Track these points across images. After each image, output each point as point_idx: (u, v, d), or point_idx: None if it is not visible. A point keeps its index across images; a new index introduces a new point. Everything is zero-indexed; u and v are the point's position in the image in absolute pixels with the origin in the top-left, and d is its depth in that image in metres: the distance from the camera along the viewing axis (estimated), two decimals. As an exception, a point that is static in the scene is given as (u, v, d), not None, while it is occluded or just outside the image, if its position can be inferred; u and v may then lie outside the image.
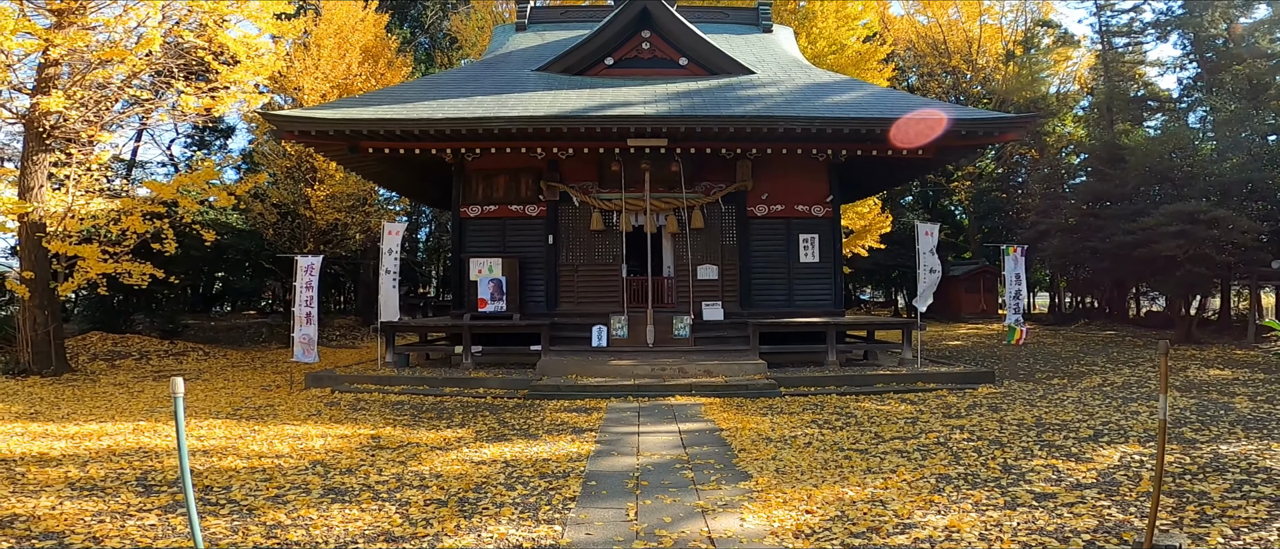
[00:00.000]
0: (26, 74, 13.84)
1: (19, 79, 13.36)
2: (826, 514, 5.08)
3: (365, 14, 23.33)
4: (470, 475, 6.29)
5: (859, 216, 25.51)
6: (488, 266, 13.81)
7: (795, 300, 14.41)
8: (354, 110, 12.88)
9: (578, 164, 14.21)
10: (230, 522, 4.96)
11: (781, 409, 9.84)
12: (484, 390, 11.51)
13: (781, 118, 12.14)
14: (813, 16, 26.51)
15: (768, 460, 6.76)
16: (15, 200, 13.12)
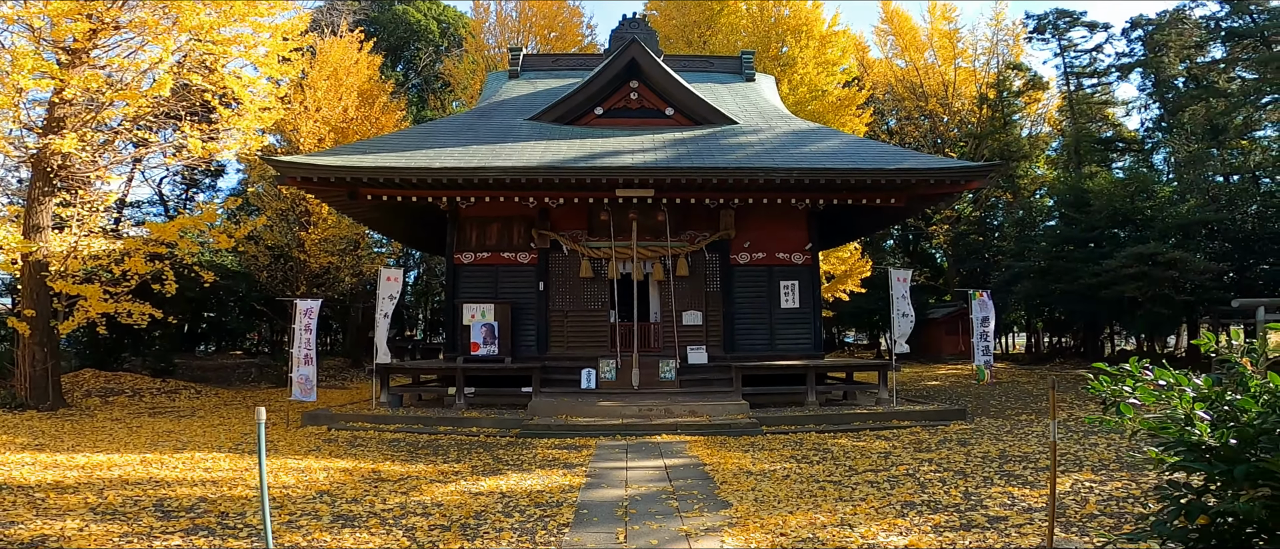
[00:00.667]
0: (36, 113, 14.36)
1: (29, 118, 13.86)
2: (799, 536, 5.56)
3: (360, 56, 24.15)
4: (469, 505, 6.72)
5: (840, 261, 26.26)
6: (480, 312, 14.31)
7: (777, 344, 14.96)
8: (354, 158, 13.48)
9: (568, 213, 14.83)
10: (249, 543, 5.37)
11: (763, 446, 10.31)
12: (477, 429, 11.90)
13: (761, 169, 12.87)
14: (794, 63, 27.63)
15: (747, 491, 7.24)
16: (21, 240, 13.51)
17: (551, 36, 32.23)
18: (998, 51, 38.07)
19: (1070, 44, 36.69)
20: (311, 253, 21.50)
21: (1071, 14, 36.37)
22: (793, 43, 28.36)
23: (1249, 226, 20.76)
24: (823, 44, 28.31)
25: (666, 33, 31.87)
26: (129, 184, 23.19)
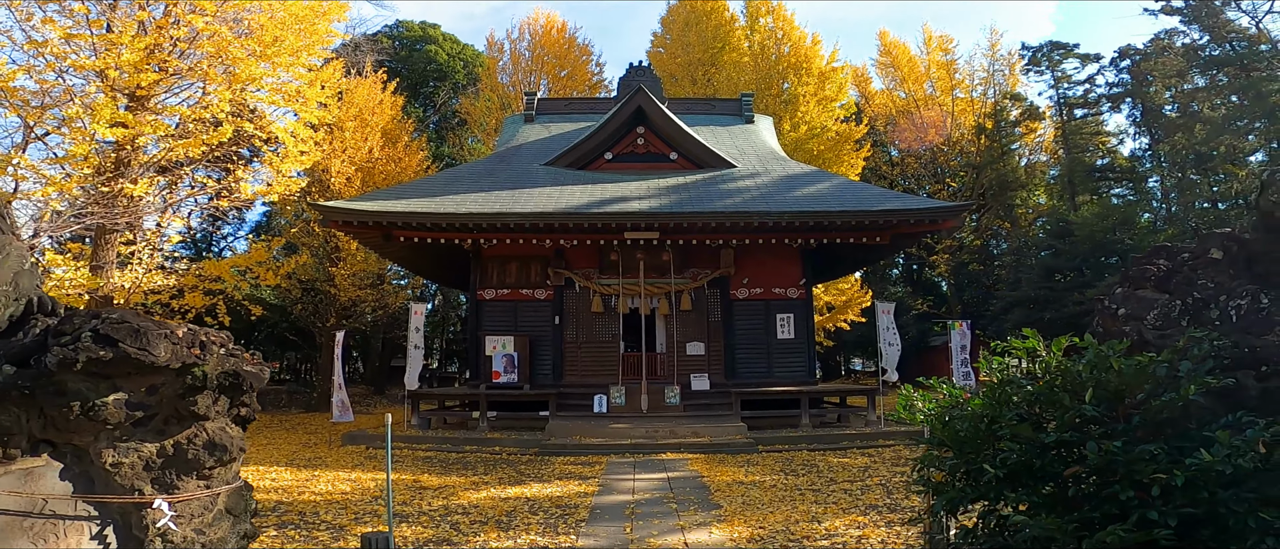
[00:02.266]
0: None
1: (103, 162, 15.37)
2: (774, 529, 6.83)
3: (384, 96, 25.77)
4: (500, 506, 8.01)
5: (840, 293, 27.45)
6: (501, 343, 15.66)
7: (774, 371, 16.18)
8: (388, 203, 14.96)
9: (581, 253, 16.21)
10: (330, 534, 6.69)
11: (756, 462, 11.54)
12: (500, 448, 13.18)
13: (755, 213, 14.23)
14: (795, 101, 29.07)
15: (737, 497, 8.49)
16: (89, 276, 14.99)
17: (562, 74, 33.83)
18: (995, 81, 39.18)
19: (1064, 75, 37.97)
20: (341, 287, 22.96)
21: (1064, 45, 37.71)
22: (794, 80, 29.82)
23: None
24: (822, 80, 29.72)
25: (672, 70, 33.52)
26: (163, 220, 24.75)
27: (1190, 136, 26.35)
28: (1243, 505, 2.11)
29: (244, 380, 2.46)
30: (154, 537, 2.37)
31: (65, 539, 2.27)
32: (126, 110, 14.82)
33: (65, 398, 2.15)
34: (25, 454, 2.20)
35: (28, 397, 2.10)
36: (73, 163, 13.98)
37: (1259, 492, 2.16)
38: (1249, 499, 2.13)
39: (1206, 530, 2.15)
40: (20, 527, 2.18)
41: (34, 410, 2.16)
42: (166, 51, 14.92)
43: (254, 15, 15.93)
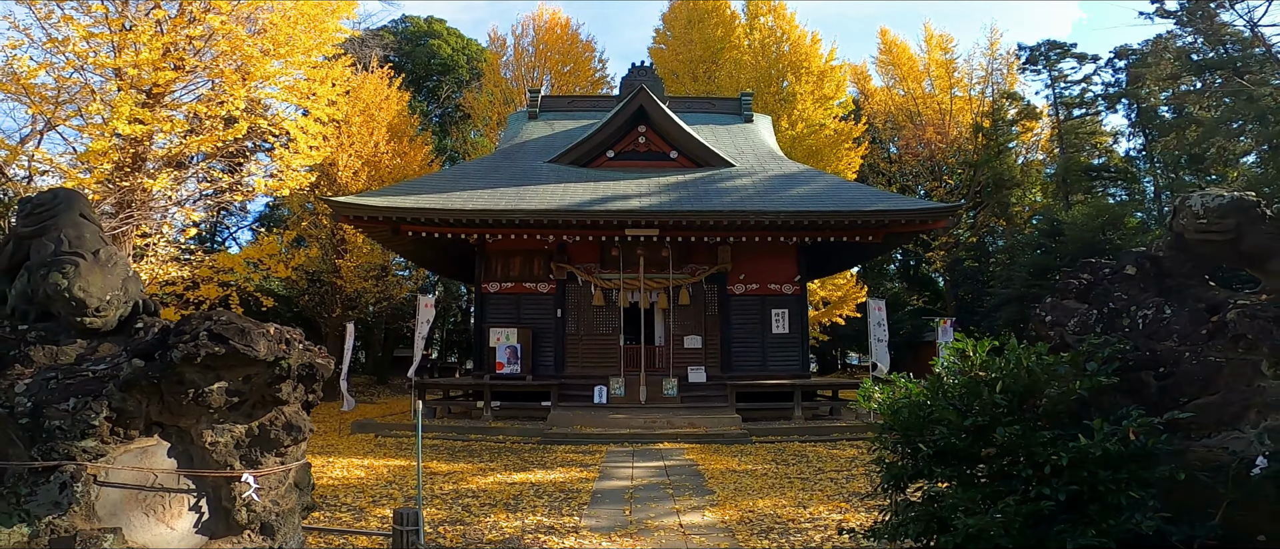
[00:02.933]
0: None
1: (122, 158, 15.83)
2: (761, 512, 7.36)
3: (390, 91, 26.20)
4: (507, 490, 8.54)
5: (836, 288, 27.95)
6: (505, 335, 16.18)
7: (768, 365, 16.70)
8: (397, 199, 15.44)
9: (583, 248, 16.70)
10: (352, 515, 7.21)
11: (750, 452, 12.07)
12: (504, 437, 13.71)
13: (752, 212, 14.72)
14: (794, 99, 29.49)
15: (730, 484, 9.02)
16: (107, 271, 15.52)
17: (565, 70, 34.20)
18: (993, 80, 39.51)
19: (1060, 75, 38.35)
20: (347, 278, 23.46)
21: (1061, 45, 38.09)
22: (793, 79, 30.23)
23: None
24: (821, 79, 30.11)
25: (673, 67, 33.91)
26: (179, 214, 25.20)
27: (1181, 138, 26.79)
28: (1117, 484, 2.61)
29: (316, 371, 2.94)
30: (240, 507, 2.86)
31: (170, 509, 2.76)
32: (143, 107, 15.29)
33: (182, 387, 2.62)
34: (141, 435, 2.68)
35: (153, 386, 2.58)
36: (93, 158, 14.44)
37: (1131, 473, 2.65)
38: (1122, 479, 2.63)
39: (1094, 506, 2.64)
40: (136, 498, 2.67)
41: (154, 397, 2.64)
42: (182, 49, 15.39)
43: (267, 14, 16.40)
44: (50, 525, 2.40)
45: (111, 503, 2.55)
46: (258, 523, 2.95)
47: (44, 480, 2.40)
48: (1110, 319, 3.38)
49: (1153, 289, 3.43)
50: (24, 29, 15.10)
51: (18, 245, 3.06)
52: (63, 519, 2.41)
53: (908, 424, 3.00)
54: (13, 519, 2.37)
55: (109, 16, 14.99)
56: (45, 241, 2.95)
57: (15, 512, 2.38)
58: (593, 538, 6.42)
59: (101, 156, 14.59)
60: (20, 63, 14.47)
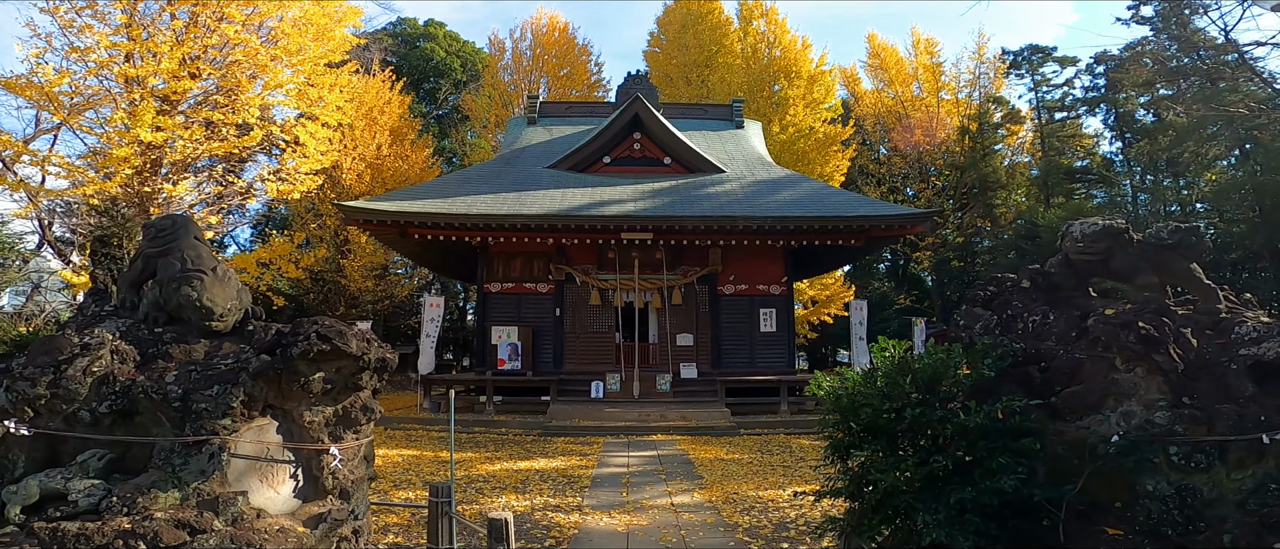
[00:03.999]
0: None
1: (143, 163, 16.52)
2: (745, 494, 8.21)
3: (391, 95, 26.93)
4: (515, 476, 9.38)
5: (824, 288, 28.81)
6: (506, 333, 16.99)
7: (756, 361, 17.56)
8: (404, 204, 16.22)
9: (581, 250, 17.52)
10: (377, 499, 8.02)
11: (737, 443, 12.93)
12: (506, 429, 14.54)
13: (740, 218, 15.57)
14: (785, 103, 30.35)
15: (718, 471, 9.87)
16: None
17: (562, 73, 34.97)
18: (979, 84, 40.36)
19: (1043, 79, 39.29)
20: (351, 277, 24.23)
21: (1044, 49, 39.04)
22: (784, 83, 31.08)
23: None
24: (811, 83, 30.97)
25: (668, 71, 34.69)
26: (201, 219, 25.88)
27: (1154, 143, 27.73)
28: (990, 453, 3.43)
29: (387, 364, 3.72)
30: (327, 474, 3.65)
31: (277, 477, 3.55)
32: (161, 114, 16.01)
33: (294, 376, 3.39)
34: (258, 416, 3.47)
35: (274, 375, 3.36)
36: (115, 163, 15.16)
37: (1003, 444, 3.47)
38: (995, 448, 3.45)
39: (976, 470, 3.46)
40: (254, 468, 3.46)
41: (272, 384, 3.41)
42: (199, 59, 16.14)
43: (277, 22, 17.15)
44: (196, 490, 3.18)
45: (238, 471, 3.33)
46: (339, 489, 3.75)
47: (195, 453, 3.17)
48: (1007, 323, 4.20)
49: (1043, 299, 4.26)
50: (45, 36, 15.81)
51: (145, 263, 3.84)
52: (206, 485, 3.19)
53: (846, 407, 3.80)
54: (168, 485, 3.16)
55: (130, 26, 15.72)
56: (171, 260, 3.73)
57: (170, 480, 3.16)
58: (595, 515, 7.26)
59: (123, 163, 15.32)
60: (45, 71, 15.19)
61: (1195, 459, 3.51)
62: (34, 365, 3.27)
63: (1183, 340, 3.66)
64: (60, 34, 15.73)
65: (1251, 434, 3.52)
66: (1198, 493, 3.56)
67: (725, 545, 6.18)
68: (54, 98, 15.76)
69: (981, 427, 3.41)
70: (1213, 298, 4.06)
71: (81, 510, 3.08)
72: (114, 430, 3.32)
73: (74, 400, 3.24)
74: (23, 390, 3.18)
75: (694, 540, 6.31)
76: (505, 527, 4.23)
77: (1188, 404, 3.55)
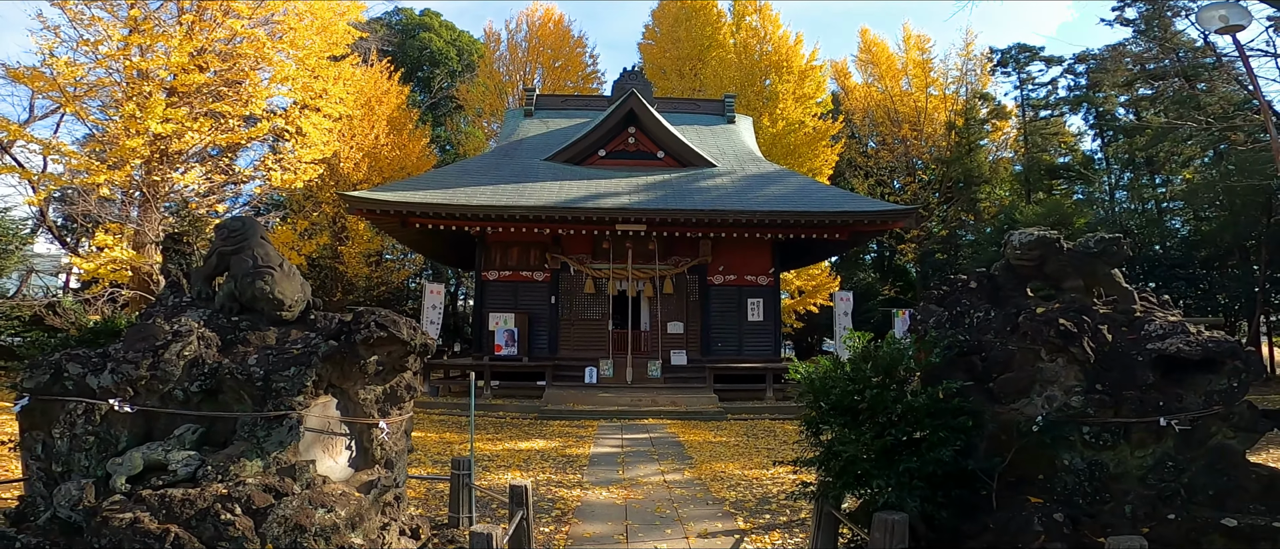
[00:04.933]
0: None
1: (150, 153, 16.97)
2: (730, 473, 8.92)
3: (389, 85, 27.34)
4: (517, 455, 10.05)
5: (811, 278, 29.57)
6: (503, 320, 17.63)
7: (744, 349, 18.29)
8: (407, 194, 16.78)
9: (576, 240, 18.14)
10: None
11: (725, 427, 13.66)
12: (504, 413, 15.20)
13: (730, 211, 16.24)
14: (775, 98, 30.94)
15: (706, 452, 10.59)
16: (133, 253, 16.72)
17: (557, 65, 35.41)
18: (967, 80, 41.07)
19: (1029, 77, 40.06)
20: (349, 264, 24.74)
21: (1031, 48, 39.77)
22: (775, 78, 31.66)
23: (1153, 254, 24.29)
24: (801, 78, 31.55)
25: (662, 64, 35.20)
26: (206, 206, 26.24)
27: (1132, 142, 28.56)
28: (933, 428, 4.11)
29: (428, 348, 4.35)
30: (376, 446, 4.27)
31: (335, 447, 4.17)
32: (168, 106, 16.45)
33: (355, 358, 3.99)
34: (323, 394, 4.09)
35: (339, 358, 3.98)
36: (125, 154, 15.63)
37: (943, 421, 4.15)
38: (935, 424, 4.13)
39: (922, 443, 4.15)
40: (319, 439, 4.08)
41: (336, 366, 4.02)
42: (208, 53, 16.59)
43: (283, 17, 17.61)
44: (276, 459, 3.80)
45: (307, 443, 3.95)
46: (385, 459, 4.40)
47: (276, 426, 3.79)
48: (957, 318, 4.87)
49: (987, 298, 4.93)
50: (53, 28, 16.20)
51: (220, 259, 4.44)
52: (284, 454, 3.81)
53: (818, 389, 4.46)
54: (253, 455, 3.78)
55: (139, 20, 16.14)
56: (244, 257, 4.33)
57: (255, 450, 3.78)
58: (595, 490, 7.95)
59: (133, 153, 15.77)
60: (58, 63, 15.61)
61: (1104, 438, 4.22)
62: (134, 350, 3.87)
63: (1097, 335, 4.36)
64: (68, 26, 16.12)
65: (1151, 417, 4.24)
66: (1105, 468, 4.27)
67: (713, 515, 6.87)
68: (64, 89, 16.17)
69: (926, 406, 4.10)
70: (1129, 299, 4.77)
71: (180, 479, 3.70)
72: (201, 407, 3.94)
73: (169, 381, 3.85)
74: (127, 372, 3.79)
75: (685, 512, 7.00)
76: (525, 492, 4.89)
77: (1099, 390, 4.26)
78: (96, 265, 16.30)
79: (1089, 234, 4.98)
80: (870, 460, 4.15)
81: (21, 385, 3.87)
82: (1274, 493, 4.34)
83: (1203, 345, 4.32)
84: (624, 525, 6.46)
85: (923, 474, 4.06)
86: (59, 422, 3.81)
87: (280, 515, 3.61)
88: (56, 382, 3.86)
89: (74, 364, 3.86)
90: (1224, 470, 4.28)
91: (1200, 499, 4.23)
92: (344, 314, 4.29)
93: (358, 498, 4.04)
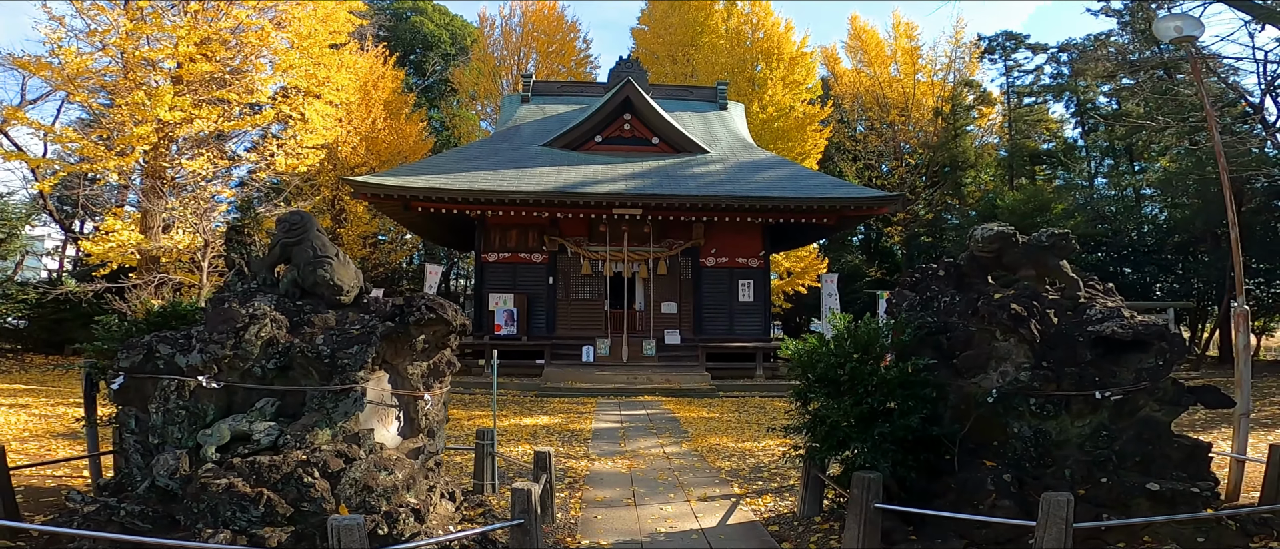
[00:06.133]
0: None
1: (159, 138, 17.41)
2: (723, 445, 9.65)
3: (384, 70, 27.67)
4: (522, 430, 10.74)
5: (799, 260, 30.32)
6: (503, 300, 18.25)
7: (735, 329, 19.03)
8: (409, 179, 17.30)
9: (573, 223, 18.75)
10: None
11: (717, 404, 14.40)
12: (504, 391, 15.84)
13: (722, 196, 16.89)
14: (765, 84, 31.49)
15: (701, 427, 11.31)
16: (141, 237, 17.19)
17: (551, 49, 35.72)
18: (955, 67, 41.71)
19: (1015, 65, 40.73)
20: (348, 246, 25.22)
21: (1018, 36, 40.40)
22: (765, 65, 32.18)
23: (1130, 239, 25.18)
24: (792, 65, 32.09)
25: (655, 50, 35.59)
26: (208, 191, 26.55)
27: (1112, 131, 29.36)
28: (902, 399, 4.80)
29: (466, 328, 4.97)
30: (422, 416, 4.91)
31: (387, 418, 4.79)
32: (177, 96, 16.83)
33: (407, 338, 4.61)
34: (378, 369, 4.72)
35: (394, 338, 4.60)
36: (135, 141, 16.04)
37: (911, 391, 4.85)
38: (905, 395, 4.83)
39: (894, 411, 4.85)
40: (375, 411, 4.70)
41: (390, 345, 4.64)
42: (214, 42, 16.97)
43: (286, 6, 17.99)
44: (342, 428, 4.42)
45: (367, 413, 4.57)
46: (428, 428, 5.04)
47: (342, 398, 4.41)
48: (927, 303, 5.56)
49: (953, 285, 5.62)
50: (59, 18, 16.51)
51: (282, 250, 5.04)
52: (349, 423, 4.43)
53: (805, 363, 5.13)
54: (323, 425, 4.39)
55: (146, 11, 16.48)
56: (304, 248, 4.92)
57: (324, 420, 4.39)
58: (600, 460, 8.65)
59: (141, 140, 16.18)
60: (66, 53, 15.94)
61: (1047, 409, 4.93)
62: (217, 332, 4.47)
63: (1044, 318, 5.06)
64: (73, 16, 16.42)
65: (1088, 391, 4.95)
66: (1048, 436, 4.98)
67: (711, 481, 7.59)
68: (72, 79, 16.51)
69: (897, 379, 4.79)
70: (1075, 287, 5.47)
71: (263, 447, 4.31)
72: (274, 382, 4.55)
73: (249, 359, 4.46)
74: (213, 352, 4.39)
75: (685, 479, 7.71)
76: (548, 458, 5.56)
77: (1044, 367, 4.96)
78: (105, 249, 16.75)
79: (1040, 231, 5.67)
80: (850, 427, 4.85)
81: (118, 365, 4.47)
82: (1194, 461, 5.04)
83: (1134, 328, 5.02)
84: (631, 490, 7.16)
85: (894, 438, 4.76)
86: (154, 397, 4.41)
87: (351, 478, 4.26)
88: (149, 361, 4.46)
89: (164, 345, 4.46)
90: (1150, 440, 4.97)
91: (1129, 465, 4.93)
92: (395, 299, 4.90)
93: (409, 463, 4.69)
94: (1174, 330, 5.15)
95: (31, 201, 22.87)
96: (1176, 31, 7.44)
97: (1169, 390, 5.06)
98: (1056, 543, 3.94)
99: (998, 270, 5.73)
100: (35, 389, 13.65)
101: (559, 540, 5.35)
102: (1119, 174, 33.58)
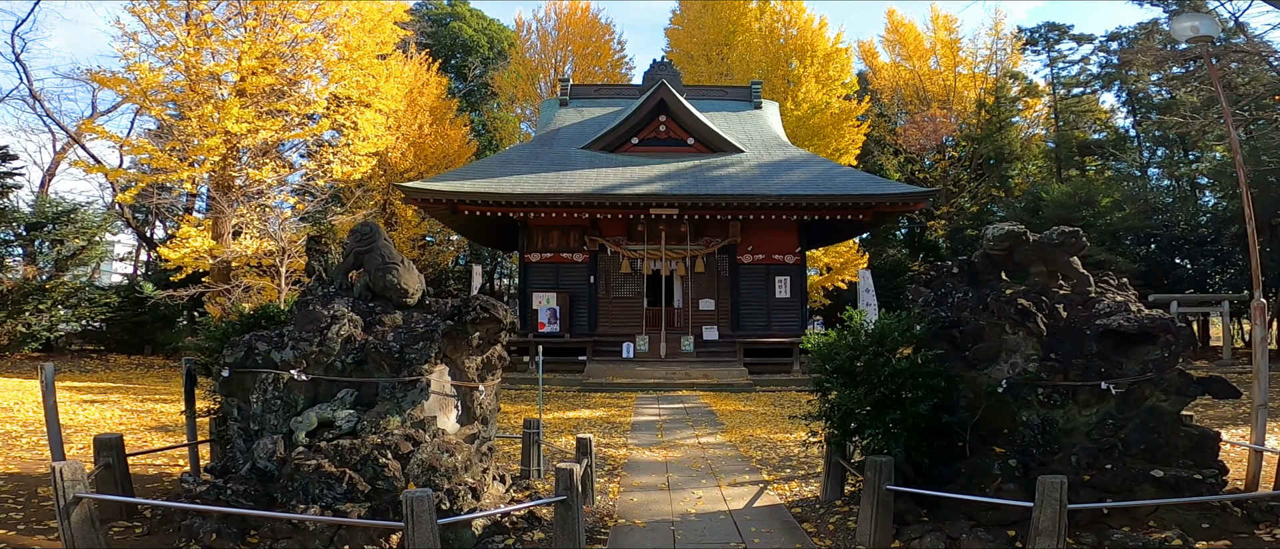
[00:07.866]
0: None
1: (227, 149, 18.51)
2: (758, 436, 10.09)
3: (428, 77, 28.62)
4: (566, 422, 11.33)
5: (838, 256, 30.34)
6: (546, 299, 18.92)
7: (772, 325, 19.37)
8: (456, 184, 18.07)
9: (613, 223, 19.32)
10: (461, 433, 10.01)
11: (753, 398, 14.82)
12: (548, 386, 16.48)
13: (758, 196, 17.27)
14: (799, 81, 31.61)
15: (737, 419, 11.76)
16: (213, 243, 18.30)
17: (587, 51, 36.33)
18: (996, 59, 41.15)
19: (1059, 55, 40.01)
20: (399, 248, 26.25)
21: (1061, 27, 39.71)
22: (799, 63, 32.28)
23: (1184, 230, 24.73)
24: (826, 61, 32.13)
25: (688, 49, 35.96)
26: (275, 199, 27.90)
27: (1163, 121, 28.77)
28: (913, 388, 5.19)
29: (515, 326, 5.54)
30: (477, 405, 5.50)
31: (448, 407, 5.38)
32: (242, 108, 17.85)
33: (465, 335, 5.20)
34: (439, 363, 5.32)
35: (453, 335, 5.19)
36: (207, 152, 17.10)
37: (921, 382, 5.24)
38: (915, 384, 5.21)
39: (906, 399, 5.26)
40: (437, 400, 5.31)
41: (450, 341, 5.23)
42: (274, 56, 17.97)
43: (337, 20, 18.90)
44: (410, 415, 5.02)
45: (431, 402, 5.18)
46: (483, 416, 5.63)
47: (410, 389, 5.01)
48: (941, 299, 5.92)
49: (967, 281, 5.97)
50: (132, 34, 17.63)
51: (355, 258, 5.68)
52: (415, 411, 5.04)
53: (825, 355, 5.57)
54: (393, 413, 5.00)
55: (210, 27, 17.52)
56: (374, 255, 5.55)
57: (394, 408, 5.00)
58: (639, 450, 9.18)
59: (211, 151, 17.24)
60: (140, 68, 17.06)
61: (1054, 399, 5.27)
62: (304, 331, 5.11)
63: (1052, 313, 5.41)
64: (143, 31, 17.51)
65: (1094, 381, 5.27)
66: (1056, 424, 5.32)
67: (742, 470, 8.05)
68: (145, 92, 17.64)
69: (907, 370, 5.20)
70: (1085, 283, 5.79)
71: (344, 432, 4.93)
72: (352, 375, 5.17)
73: (331, 354, 5.09)
74: (303, 349, 5.03)
75: (718, 467, 8.19)
76: (589, 443, 6.10)
77: (1052, 358, 5.30)
78: (181, 254, 17.87)
79: (1051, 229, 5.99)
80: (865, 414, 5.28)
81: (224, 360, 5.15)
82: (1202, 450, 5.31)
83: (1140, 321, 5.33)
84: (666, 478, 7.66)
85: (904, 424, 5.17)
86: (255, 389, 5.08)
87: (418, 459, 4.85)
88: (249, 357, 5.12)
89: (261, 343, 5.12)
90: (1155, 429, 5.27)
91: (1134, 452, 5.22)
92: (452, 299, 5.49)
93: (467, 447, 5.27)
94: (1180, 323, 5.44)
95: (108, 210, 24.33)
96: (1192, 31, 7.61)
97: (1175, 381, 5.33)
98: (1051, 522, 4.32)
99: (1010, 267, 6.07)
100: (122, 386, 14.73)
101: (599, 519, 5.89)
102: (1173, 164, 32.83)
